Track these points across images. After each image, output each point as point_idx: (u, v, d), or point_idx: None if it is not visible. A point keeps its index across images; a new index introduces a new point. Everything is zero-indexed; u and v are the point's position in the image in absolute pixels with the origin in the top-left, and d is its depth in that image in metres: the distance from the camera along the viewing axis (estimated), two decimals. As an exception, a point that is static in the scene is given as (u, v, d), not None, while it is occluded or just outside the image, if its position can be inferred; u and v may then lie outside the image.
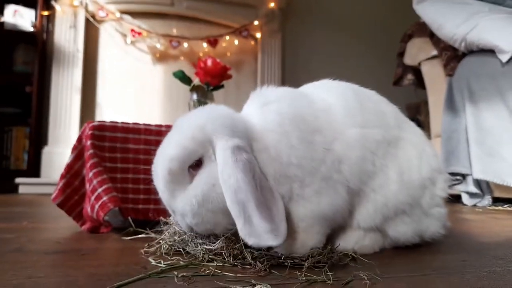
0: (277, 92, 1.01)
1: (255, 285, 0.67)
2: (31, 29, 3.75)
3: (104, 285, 0.67)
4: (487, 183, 2.56)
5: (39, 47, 3.72)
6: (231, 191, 0.78)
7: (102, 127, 1.35)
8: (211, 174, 0.83)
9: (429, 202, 1.02)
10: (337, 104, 0.99)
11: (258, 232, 0.75)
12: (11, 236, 1.20)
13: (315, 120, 0.93)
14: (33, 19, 3.79)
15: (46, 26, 3.86)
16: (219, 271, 0.78)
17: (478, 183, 2.59)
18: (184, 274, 0.75)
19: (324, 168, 0.88)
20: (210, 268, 0.80)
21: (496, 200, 2.66)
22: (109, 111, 4.03)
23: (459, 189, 2.68)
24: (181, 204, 0.84)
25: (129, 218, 1.26)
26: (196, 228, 0.87)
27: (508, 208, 2.44)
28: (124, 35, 4.12)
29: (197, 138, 0.84)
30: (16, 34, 3.70)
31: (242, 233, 0.76)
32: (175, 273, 0.76)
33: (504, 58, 2.39)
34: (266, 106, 0.94)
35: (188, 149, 0.84)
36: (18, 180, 3.47)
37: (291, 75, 4.65)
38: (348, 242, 0.96)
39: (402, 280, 0.73)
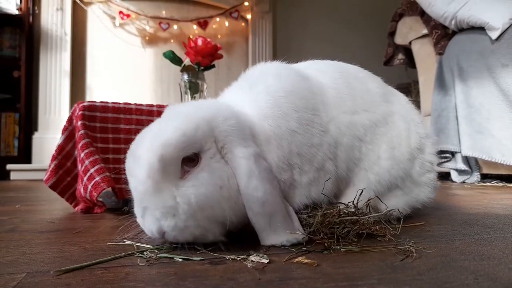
0: (260, 69, 0.95)
1: (250, 254, 0.68)
2: (17, 12, 3.66)
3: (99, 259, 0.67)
4: (476, 160, 2.60)
5: (25, 30, 3.65)
6: (258, 204, 0.72)
7: (93, 107, 1.34)
8: (216, 175, 0.73)
9: (419, 171, 1.05)
10: (328, 87, 0.98)
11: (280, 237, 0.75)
12: (4, 218, 1.19)
13: (311, 97, 0.91)
14: (18, 2, 3.69)
15: (32, 8, 3.77)
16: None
17: (466, 160, 2.63)
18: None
19: (320, 156, 0.87)
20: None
21: (485, 177, 2.71)
22: (99, 95, 3.98)
23: (448, 166, 2.71)
24: (173, 201, 0.70)
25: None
26: (176, 234, 0.71)
27: (496, 184, 2.49)
28: (113, 18, 4.05)
29: (202, 130, 0.73)
30: (1, 18, 3.61)
31: (265, 242, 0.75)
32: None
33: (494, 35, 2.40)
34: (253, 88, 0.89)
35: (188, 137, 0.71)
36: (9, 166, 3.44)
37: (283, 57, 4.61)
38: None
39: (391, 248, 0.75)
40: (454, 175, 2.70)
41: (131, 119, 1.39)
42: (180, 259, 0.68)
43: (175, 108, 0.80)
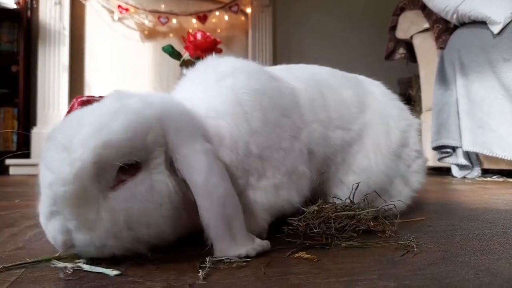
0: (232, 63, 0.87)
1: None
2: (15, 6, 3.64)
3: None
4: (477, 155, 2.60)
5: (23, 25, 3.62)
6: (219, 203, 0.62)
7: (91, 101, 1.32)
8: (157, 190, 0.62)
9: (407, 163, 1.05)
10: (302, 90, 0.91)
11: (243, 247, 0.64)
12: (3, 213, 1.19)
13: (281, 97, 0.83)
14: (16, -4, 3.67)
15: (30, 3, 3.75)
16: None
17: (467, 155, 2.62)
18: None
19: (289, 161, 0.79)
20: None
21: (485, 172, 2.71)
22: (98, 89, 3.96)
23: (449, 161, 2.71)
24: (95, 215, 0.58)
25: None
26: (89, 251, 0.60)
27: (497, 179, 2.49)
28: (111, 12, 4.02)
29: (153, 135, 0.62)
30: (-1, 12, 3.60)
31: (224, 253, 0.63)
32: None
33: (496, 29, 2.39)
34: (220, 82, 0.80)
35: (136, 142, 0.60)
36: (8, 161, 3.43)
37: (283, 50, 4.60)
38: None
39: (391, 244, 0.75)
40: (455, 170, 2.70)
41: (130, 114, 1.38)
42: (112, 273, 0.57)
43: (123, 98, 0.67)
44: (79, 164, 0.56)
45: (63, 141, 0.58)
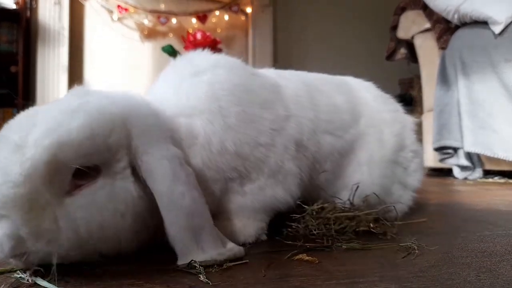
0: (211, 58, 0.82)
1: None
2: (14, 6, 3.63)
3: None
4: (478, 156, 2.59)
5: (22, 25, 3.62)
6: (184, 215, 0.58)
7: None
8: (120, 197, 0.58)
9: (404, 165, 1.02)
10: (288, 88, 0.85)
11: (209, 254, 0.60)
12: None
13: (262, 90, 0.79)
14: (16, -4, 3.67)
15: (29, 3, 3.74)
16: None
17: (469, 156, 2.61)
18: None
19: (273, 158, 0.75)
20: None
21: (487, 173, 2.70)
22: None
23: (450, 162, 2.70)
24: (51, 224, 0.54)
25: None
26: (49, 259, 0.55)
27: (499, 180, 2.48)
28: (111, 12, 4.02)
29: (117, 135, 0.58)
30: (-2, 12, 3.59)
31: (185, 261, 0.59)
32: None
33: (497, 29, 2.38)
34: (197, 77, 0.76)
35: (97, 141, 0.56)
36: (8, 161, 3.43)
37: (284, 50, 4.60)
38: None
39: (392, 246, 0.74)
40: (457, 171, 2.69)
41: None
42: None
43: (84, 95, 0.63)
44: (30, 164, 0.52)
45: (15, 140, 0.54)
